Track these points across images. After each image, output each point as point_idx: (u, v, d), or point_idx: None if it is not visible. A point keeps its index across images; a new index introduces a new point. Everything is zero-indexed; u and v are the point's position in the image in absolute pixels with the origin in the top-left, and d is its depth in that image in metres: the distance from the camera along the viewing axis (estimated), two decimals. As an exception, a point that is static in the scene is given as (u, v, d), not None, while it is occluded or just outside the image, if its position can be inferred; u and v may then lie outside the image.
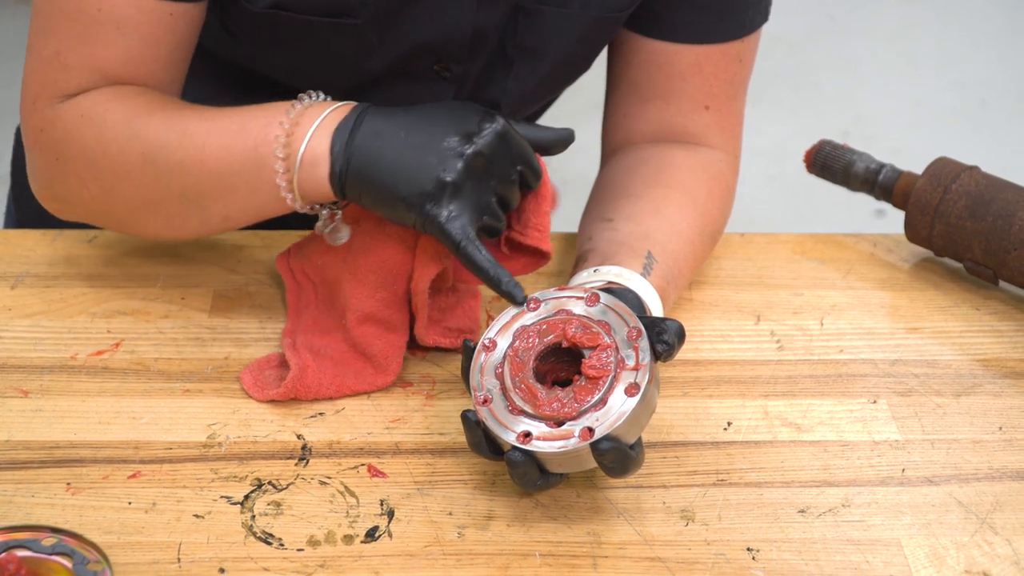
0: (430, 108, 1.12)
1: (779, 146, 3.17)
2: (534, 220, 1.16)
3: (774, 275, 1.35)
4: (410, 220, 1.10)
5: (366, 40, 1.22)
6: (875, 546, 1.06)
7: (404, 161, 1.08)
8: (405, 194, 1.08)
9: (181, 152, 1.13)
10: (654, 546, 1.05)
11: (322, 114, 1.11)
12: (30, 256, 1.31)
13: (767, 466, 1.13)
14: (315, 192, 1.11)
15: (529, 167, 1.12)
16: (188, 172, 1.13)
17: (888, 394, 1.21)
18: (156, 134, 1.13)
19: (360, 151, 1.09)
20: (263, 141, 1.11)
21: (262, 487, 1.09)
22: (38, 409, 1.15)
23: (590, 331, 1.05)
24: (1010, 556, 1.06)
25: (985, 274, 1.31)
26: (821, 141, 1.40)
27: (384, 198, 1.09)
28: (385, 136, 1.09)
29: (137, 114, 1.14)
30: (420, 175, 1.08)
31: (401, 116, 1.10)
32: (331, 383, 1.16)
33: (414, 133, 1.09)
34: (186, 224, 1.17)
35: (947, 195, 1.31)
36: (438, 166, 1.08)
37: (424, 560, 1.04)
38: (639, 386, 1.02)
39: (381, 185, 1.09)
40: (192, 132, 1.13)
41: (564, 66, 1.30)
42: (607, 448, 1.01)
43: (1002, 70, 3.61)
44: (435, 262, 1.16)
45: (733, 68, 1.31)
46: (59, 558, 0.98)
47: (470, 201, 1.09)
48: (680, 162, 1.30)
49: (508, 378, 1.05)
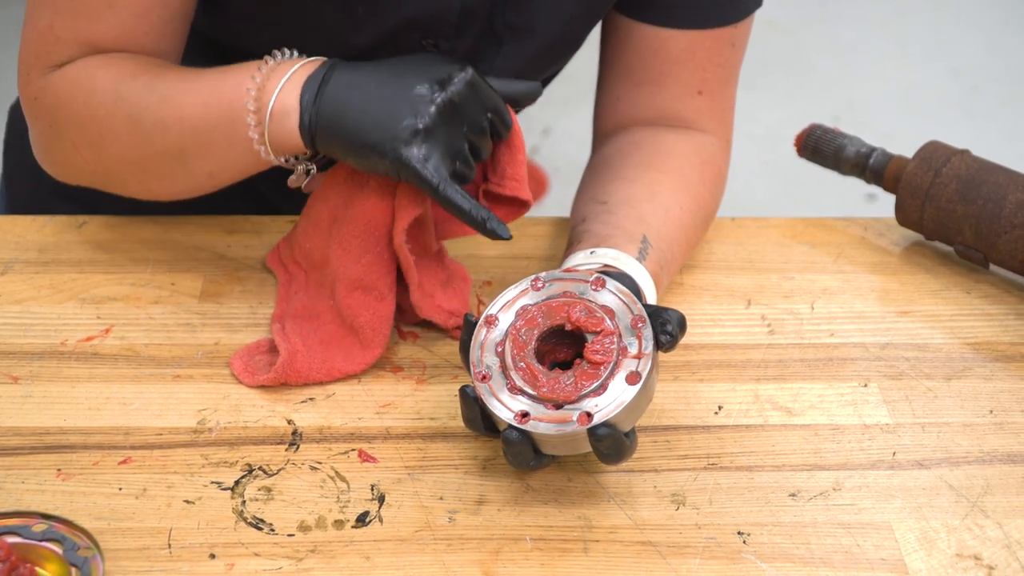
0: (400, 60, 1.14)
1: (770, 131, 3.17)
2: (510, 170, 1.17)
3: (765, 259, 1.35)
4: (383, 167, 1.11)
5: (353, 14, 1.22)
6: (866, 529, 1.06)
7: (374, 109, 1.10)
8: (376, 140, 1.10)
9: (162, 111, 1.15)
10: (645, 530, 1.05)
11: (292, 68, 1.13)
12: (19, 242, 1.31)
13: (758, 450, 1.13)
14: (287, 144, 1.13)
15: (499, 115, 1.14)
16: (169, 130, 1.15)
17: (879, 378, 1.21)
18: (139, 95, 1.16)
19: (329, 100, 1.11)
20: (236, 97, 1.13)
21: (253, 472, 1.09)
22: (28, 395, 1.15)
23: (594, 316, 1.05)
24: (1001, 539, 1.06)
25: (976, 257, 1.31)
26: (812, 125, 1.40)
27: (355, 146, 1.11)
28: (355, 86, 1.11)
29: (123, 78, 1.17)
30: (390, 122, 1.09)
31: (371, 68, 1.13)
32: (320, 367, 1.16)
33: (384, 83, 1.11)
34: (175, 183, 1.20)
35: (938, 179, 1.31)
36: (409, 112, 1.09)
37: (415, 545, 1.03)
38: (640, 375, 1.02)
39: (351, 133, 1.10)
40: (172, 92, 1.16)
41: (553, 46, 1.30)
42: (604, 435, 1.01)
43: (994, 56, 3.61)
44: (412, 207, 1.16)
45: (726, 53, 1.31)
46: (49, 544, 0.98)
47: (442, 146, 1.10)
48: (672, 147, 1.30)
49: (509, 357, 1.05)
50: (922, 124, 3.26)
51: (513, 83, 1.16)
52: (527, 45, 1.28)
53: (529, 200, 1.18)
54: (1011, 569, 1.03)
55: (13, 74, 1.23)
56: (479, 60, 1.28)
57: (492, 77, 1.15)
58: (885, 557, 1.04)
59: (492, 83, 1.14)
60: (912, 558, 1.04)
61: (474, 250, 1.33)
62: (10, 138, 1.46)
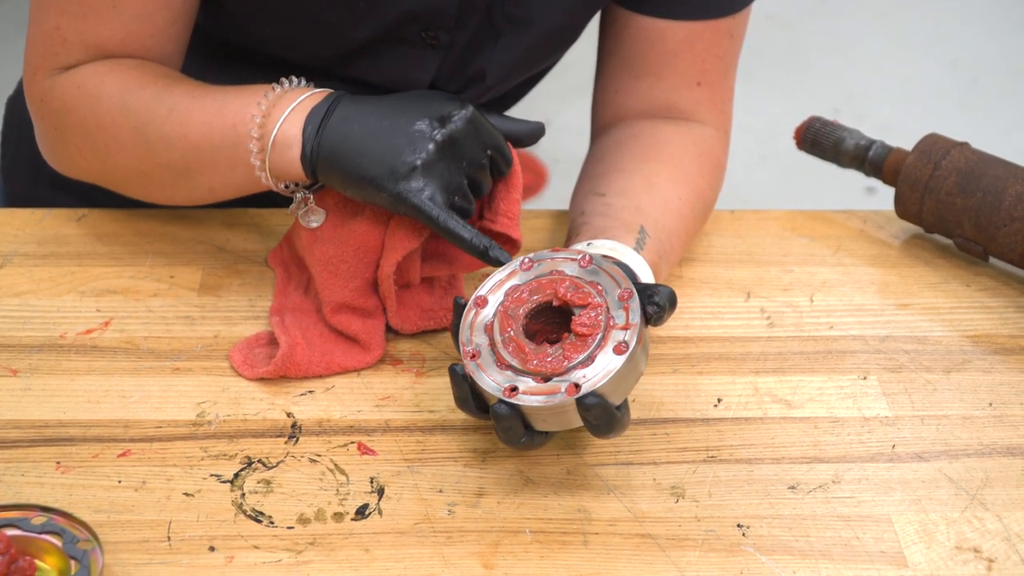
0: (402, 96, 1.17)
1: (770, 124, 3.17)
2: (504, 207, 1.18)
3: (764, 252, 1.34)
4: (381, 200, 1.13)
5: (354, 7, 1.22)
6: (865, 522, 1.06)
7: (374, 143, 1.12)
8: (374, 174, 1.12)
9: (168, 126, 1.17)
10: (644, 523, 1.05)
11: (298, 99, 1.15)
12: (18, 235, 1.31)
13: (757, 442, 1.13)
14: (287, 173, 1.16)
15: (499, 152, 1.16)
16: (173, 146, 1.17)
17: (878, 370, 1.21)
18: (146, 108, 1.18)
19: (331, 133, 1.13)
20: (241, 121, 1.15)
21: (252, 465, 1.09)
22: (27, 388, 1.15)
23: (581, 291, 1.05)
24: (1000, 532, 1.06)
25: (975, 250, 1.31)
26: (811, 117, 1.40)
27: (354, 179, 1.13)
28: (356, 120, 1.13)
29: (130, 88, 1.18)
30: (389, 156, 1.12)
31: (374, 103, 1.15)
32: (320, 360, 1.16)
33: (385, 118, 1.13)
34: (176, 193, 1.23)
35: (937, 171, 1.31)
36: (407, 148, 1.12)
37: (414, 537, 1.04)
38: (628, 344, 1.02)
39: (351, 166, 1.12)
40: (178, 108, 1.17)
41: (551, 37, 1.30)
42: (592, 404, 1.01)
43: (993, 48, 3.60)
44: (407, 241, 1.16)
45: (725, 44, 1.31)
46: (49, 537, 0.98)
47: (440, 180, 1.12)
48: (671, 138, 1.30)
49: (497, 333, 1.05)
50: (921, 117, 3.26)
51: (517, 122, 1.19)
52: (525, 37, 1.28)
53: (519, 240, 1.19)
54: (1011, 562, 1.03)
55: (10, 67, 1.23)
56: (477, 52, 1.28)
57: (496, 115, 1.17)
58: (884, 550, 1.04)
59: (494, 121, 1.16)
60: (911, 551, 1.04)
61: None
62: (7, 131, 1.46)
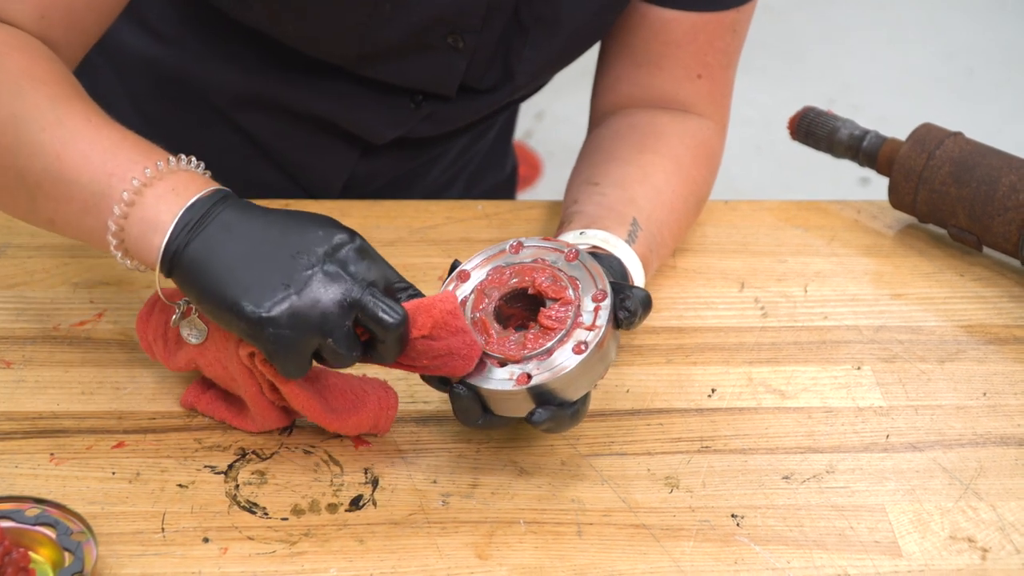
0: (293, 217, 1.03)
1: (764, 114, 3.17)
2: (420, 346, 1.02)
3: (758, 242, 1.34)
4: (237, 329, 1.00)
5: (381, 10, 1.21)
6: (859, 512, 1.06)
7: (245, 266, 0.99)
8: (233, 300, 0.98)
9: (47, 135, 1.05)
10: (639, 513, 1.05)
11: (187, 182, 1.03)
12: (11, 227, 1.30)
13: (751, 433, 1.13)
14: (141, 254, 1.03)
15: (390, 287, 1.02)
16: (40, 156, 1.05)
17: (872, 360, 1.21)
18: (36, 104, 1.06)
19: (202, 240, 1.00)
20: (121, 175, 1.02)
21: (246, 456, 1.09)
22: (20, 380, 1.15)
23: (558, 284, 1.05)
24: (995, 521, 1.06)
25: (969, 240, 1.31)
26: (805, 107, 1.40)
27: (212, 297, 0.99)
28: (236, 233, 1.00)
29: (32, 75, 1.08)
30: (257, 286, 0.98)
31: (260, 218, 1.02)
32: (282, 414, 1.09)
33: (266, 241, 1.00)
34: (16, 206, 1.10)
35: (931, 161, 1.31)
36: (281, 280, 0.99)
37: (409, 528, 1.04)
38: (588, 345, 1.02)
39: (213, 282, 0.99)
40: (68, 124, 1.05)
41: (578, 36, 1.30)
42: (539, 393, 1.01)
43: (988, 39, 3.61)
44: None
45: (728, 38, 1.31)
46: (43, 528, 0.97)
47: (311, 322, 0.98)
48: (668, 129, 1.30)
49: (469, 311, 1.05)
50: (916, 107, 3.26)
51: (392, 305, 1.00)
52: (554, 36, 1.28)
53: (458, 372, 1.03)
54: (1005, 551, 1.03)
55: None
56: (506, 53, 1.27)
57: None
58: (879, 539, 1.04)
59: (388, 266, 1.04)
60: (906, 540, 1.04)
61: (466, 233, 1.33)
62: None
